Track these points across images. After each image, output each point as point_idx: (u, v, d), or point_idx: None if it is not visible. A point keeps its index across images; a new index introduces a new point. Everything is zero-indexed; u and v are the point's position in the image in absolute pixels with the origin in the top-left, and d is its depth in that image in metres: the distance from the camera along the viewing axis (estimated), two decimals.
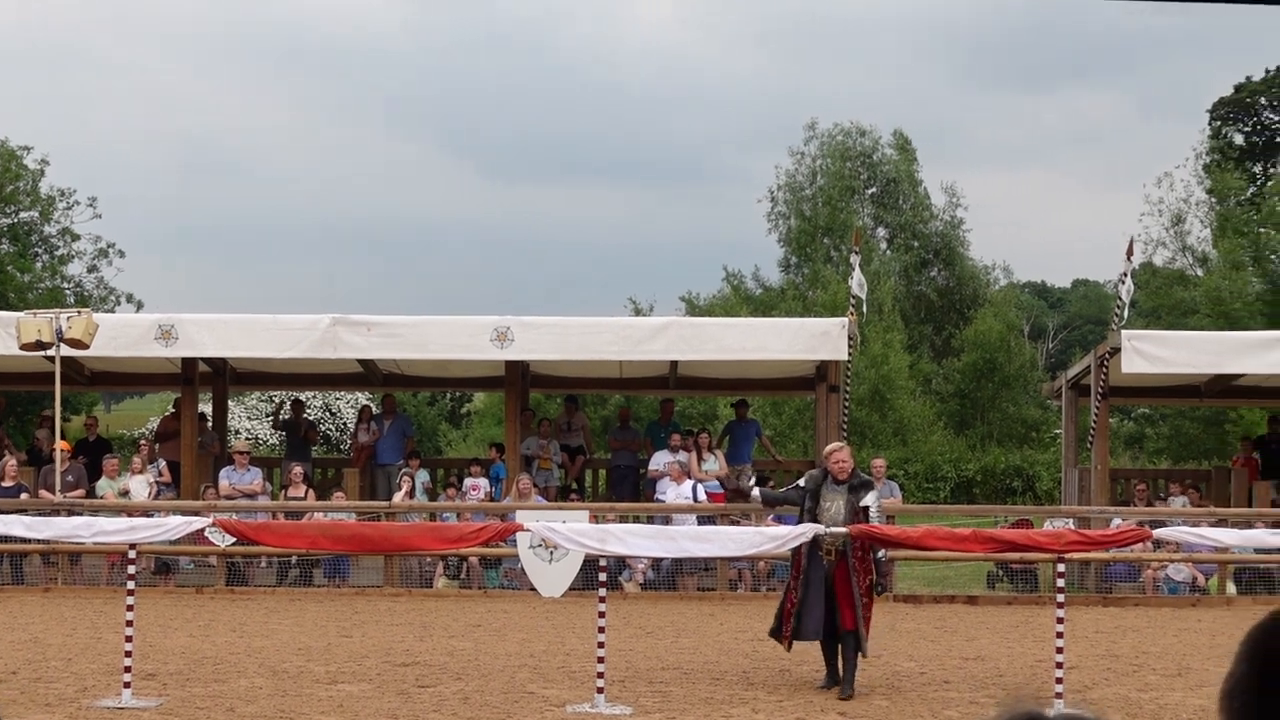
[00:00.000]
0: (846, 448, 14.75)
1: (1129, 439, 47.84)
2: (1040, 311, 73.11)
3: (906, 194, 53.71)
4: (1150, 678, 15.22)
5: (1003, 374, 48.31)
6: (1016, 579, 23.70)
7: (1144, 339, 23.43)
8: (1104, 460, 24.49)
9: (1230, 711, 1.96)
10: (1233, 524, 21.01)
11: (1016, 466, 42.87)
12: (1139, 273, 46.50)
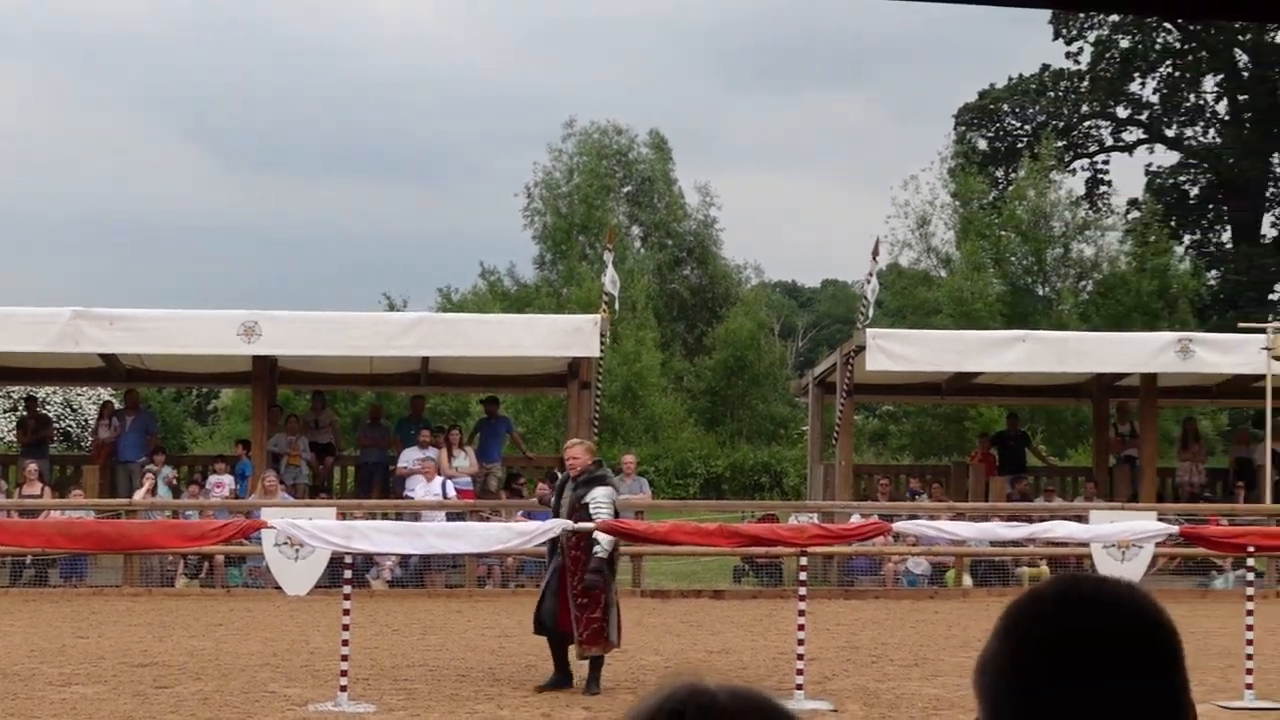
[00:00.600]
0: (579, 444, 14.70)
1: (873, 436, 48.87)
2: (790, 311, 74.28)
3: (661, 193, 54.11)
4: (888, 668, 15.57)
5: (753, 372, 48.95)
6: (762, 573, 24.06)
7: (887, 338, 23.97)
8: (848, 456, 25.01)
9: (982, 687, 1.99)
10: (970, 518, 21.61)
11: (765, 463, 43.51)
12: (885, 273, 47.56)
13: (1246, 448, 27.86)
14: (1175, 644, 2.03)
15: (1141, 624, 2.00)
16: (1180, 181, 58.49)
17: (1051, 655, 1.95)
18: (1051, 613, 2.00)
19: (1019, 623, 2.01)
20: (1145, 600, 2.03)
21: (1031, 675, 1.94)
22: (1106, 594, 2.03)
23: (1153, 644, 1.99)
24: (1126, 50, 56.91)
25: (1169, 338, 24.67)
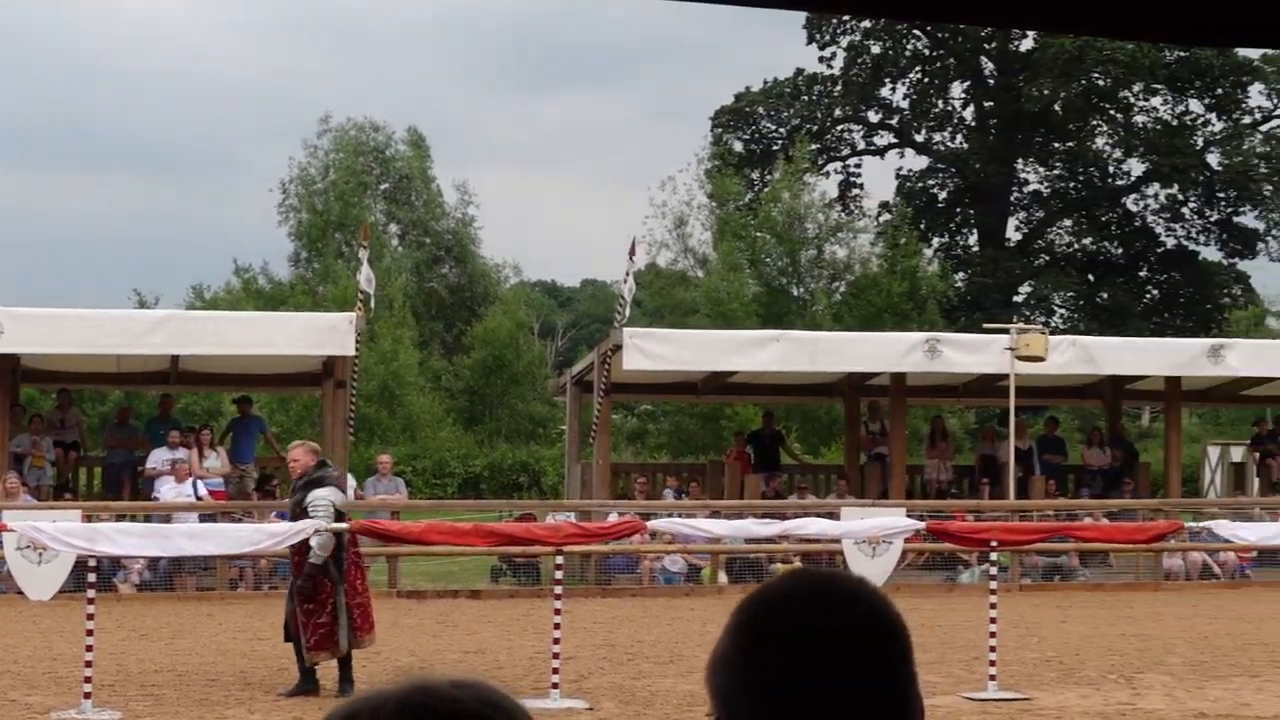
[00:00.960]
0: (300, 446, 14.45)
1: (631, 435, 49.16)
2: (550, 310, 74.36)
3: (419, 191, 53.71)
4: (644, 665, 15.65)
5: (511, 371, 48.86)
6: (520, 573, 24.01)
7: (644, 337, 24.11)
8: (605, 455, 25.10)
9: (715, 684, 1.97)
10: (725, 516, 21.84)
11: (523, 462, 43.48)
12: (643, 273, 47.90)
13: (992, 445, 28.65)
14: (905, 639, 2.04)
15: (874, 620, 2.01)
16: (929, 185, 60.02)
17: (786, 651, 1.94)
18: (786, 609, 1.99)
19: (753, 619, 2.00)
20: (876, 596, 2.03)
21: (766, 671, 1.93)
22: (840, 590, 2.03)
23: (884, 640, 2.00)
24: (878, 56, 58.17)
25: (917, 338, 25.26)
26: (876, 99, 59.63)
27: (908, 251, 46.57)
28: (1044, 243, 59.91)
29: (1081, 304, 57.51)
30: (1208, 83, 55.95)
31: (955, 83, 59.41)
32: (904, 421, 27.31)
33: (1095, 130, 57.84)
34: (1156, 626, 19.31)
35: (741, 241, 45.71)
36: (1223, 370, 25.85)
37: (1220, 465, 39.08)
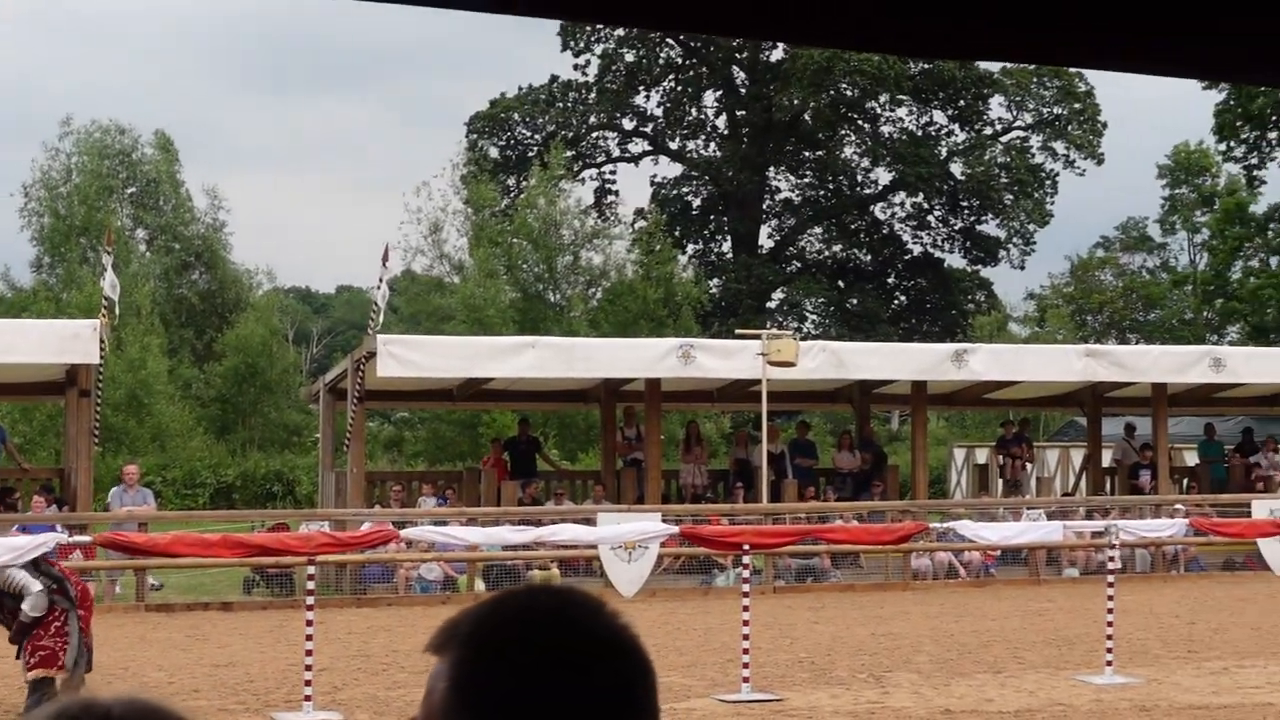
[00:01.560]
0: None
1: (389, 442, 48.73)
2: (304, 316, 73.35)
3: (168, 195, 52.49)
4: (399, 676, 15.49)
5: (265, 379, 48.08)
6: (273, 584, 23.60)
7: (398, 343, 23.87)
8: (359, 463, 24.81)
9: (429, 695, 1.90)
10: (481, 523, 21.74)
11: (277, 471, 42.81)
12: (399, 279, 47.55)
13: (745, 450, 29.02)
14: (643, 657, 1.99)
15: (605, 636, 1.97)
16: (683, 193, 60.69)
17: (509, 667, 1.89)
18: (507, 625, 1.94)
19: (475, 633, 1.94)
20: (605, 611, 1.99)
21: (485, 686, 1.88)
22: (571, 605, 1.98)
23: (617, 657, 1.96)
24: (632, 64, 58.64)
25: (672, 344, 25.46)
26: (631, 107, 60.11)
27: (662, 258, 46.98)
28: (795, 250, 60.99)
29: (832, 310, 58.71)
30: (950, 94, 57.57)
31: (708, 91, 60.19)
32: (659, 427, 27.51)
33: (844, 139, 59.10)
34: (905, 625, 19.75)
35: (497, 248, 45.63)
36: (966, 374, 26.56)
37: (966, 467, 40.24)
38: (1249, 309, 43.52)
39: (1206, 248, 53.87)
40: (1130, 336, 63.35)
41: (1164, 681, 15.27)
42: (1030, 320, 68.74)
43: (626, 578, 21.24)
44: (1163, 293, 64.14)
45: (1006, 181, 58.40)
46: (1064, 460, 40.27)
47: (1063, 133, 59.14)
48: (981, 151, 58.47)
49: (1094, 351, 28.13)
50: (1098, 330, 63.93)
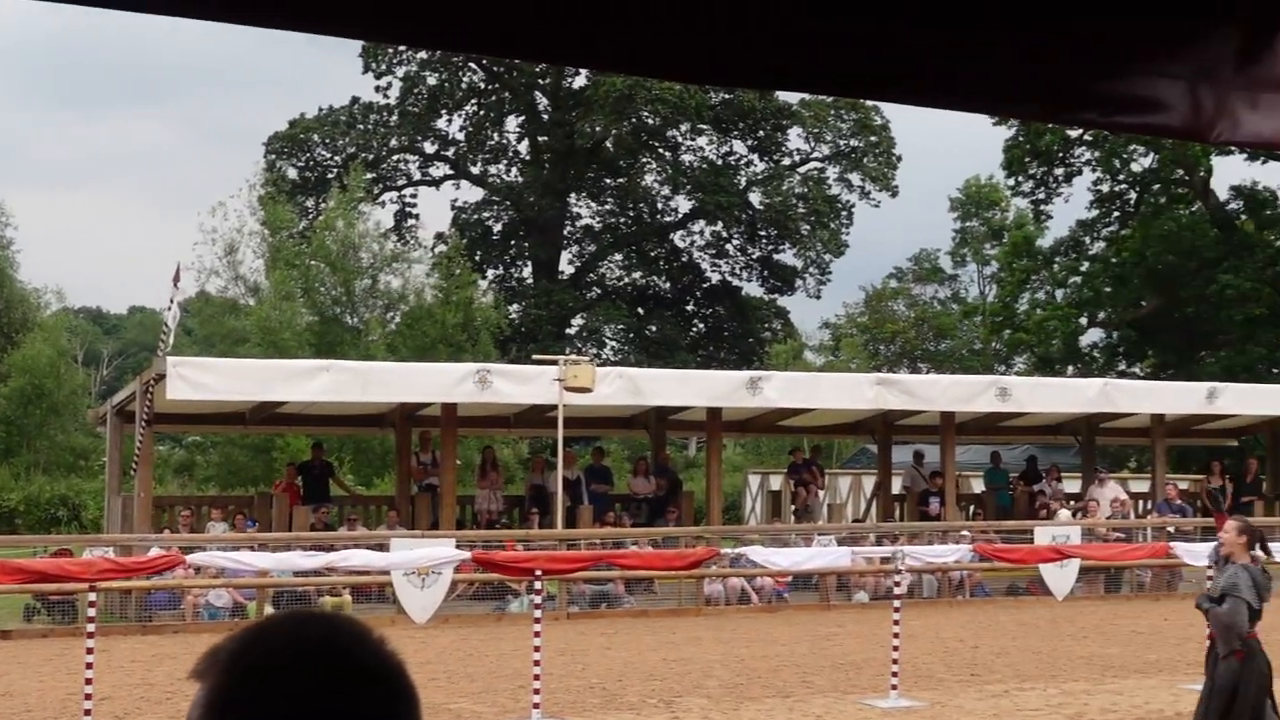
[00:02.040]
0: None
1: (179, 466, 47.81)
2: (95, 337, 71.74)
3: None
4: (182, 704, 15.10)
5: (51, 401, 46.84)
6: (55, 610, 22.97)
7: (189, 365, 23.41)
8: (147, 488, 24.27)
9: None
10: (272, 548, 21.42)
11: (62, 495, 41.72)
12: (194, 301, 46.71)
13: (541, 475, 29.01)
14: (405, 684, 1.96)
15: (370, 663, 1.94)
16: (484, 218, 60.58)
17: (271, 694, 1.85)
18: (270, 652, 1.90)
19: (237, 660, 1.90)
20: (370, 638, 1.96)
21: (245, 713, 1.84)
22: (336, 632, 1.95)
23: (381, 684, 1.93)
24: (434, 87, 58.40)
25: (468, 368, 25.33)
26: (433, 130, 59.87)
27: (462, 282, 46.81)
28: (595, 276, 61.21)
29: (631, 336, 59.00)
30: (750, 125, 58.29)
31: (510, 116, 60.19)
32: (455, 452, 27.36)
33: (645, 167, 59.50)
34: (697, 650, 19.86)
35: (294, 270, 45.05)
36: (761, 401, 26.84)
37: (760, 493, 40.67)
38: (1035, 340, 44.65)
39: (995, 280, 55.24)
40: (921, 366, 64.72)
41: (947, 705, 15.56)
42: (825, 349, 69.86)
43: (419, 604, 21.08)
44: (953, 323, 65.63)
45: (804, 212, 59.27)
46: (855, 487, 40.93)
47: (859, 165, 60.22)
48: (780, 182, 59.27)
49: (885, 380, 28.63)
50: (890, 359, 65.19)
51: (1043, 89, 2.57)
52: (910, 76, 2.60)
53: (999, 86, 2.63)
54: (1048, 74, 2.52)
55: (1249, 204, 42.59)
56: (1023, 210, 54.70)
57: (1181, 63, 2.58)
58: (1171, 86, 2.60)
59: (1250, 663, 11.51)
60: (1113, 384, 30.11)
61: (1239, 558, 11.67)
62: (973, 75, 2.52)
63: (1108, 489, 29.72)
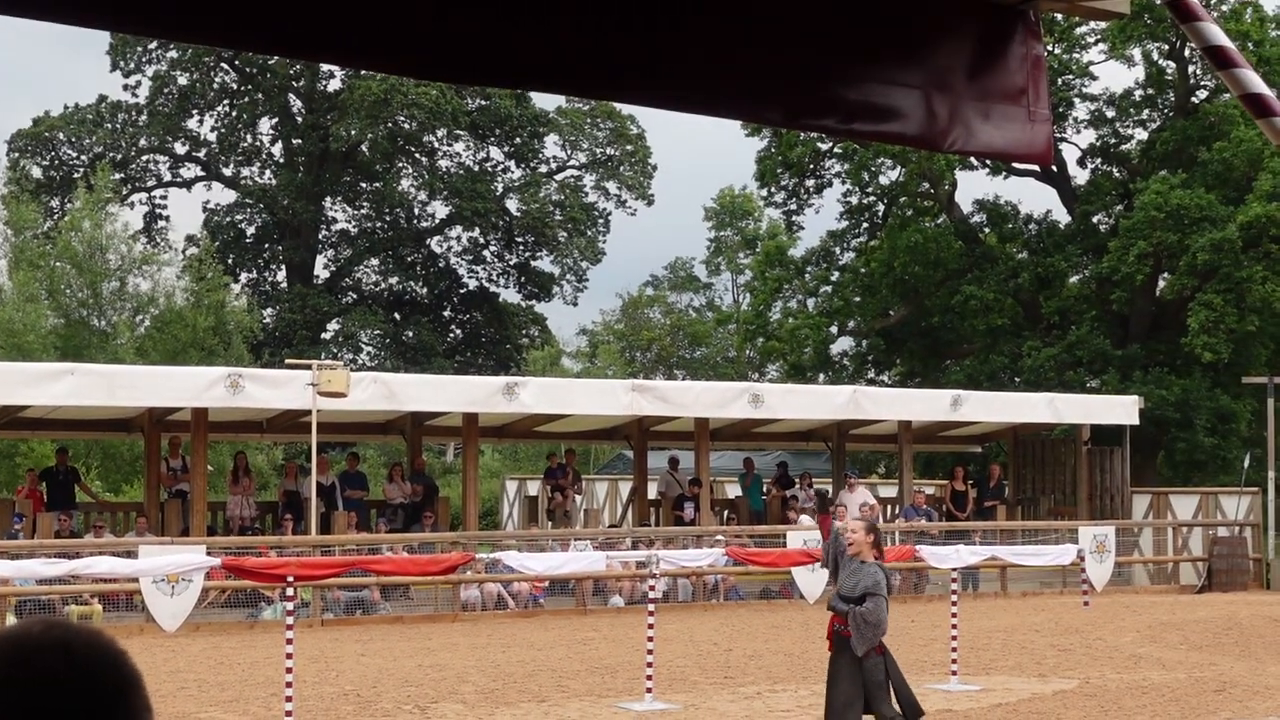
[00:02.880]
0: None
1: None
2: None
3: None
4: None
5: None
6: None
7: None
8: None
9: None
10: (13, 555, 20.80)
11: None
12: None
13: (295, 481, 28.68)
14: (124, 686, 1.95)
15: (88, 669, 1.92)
16: (238, 220, 59.60)
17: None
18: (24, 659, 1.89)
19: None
20: (94, 646, 1.95)
21: None
22: (48, 638, 1.93)
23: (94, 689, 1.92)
24: (185, 87, 57.29)
25: (219, 372, 24.91)
26: (184, 130, 58.69)
27: (214, 285, 45.98)
28: (352, 281, 60.61)
29: (388, 342, 58.54)
30: (507, 131, 58.30)
31: (264, 118, 59.30)
32: (206, 457, 26.90)
33: (401, 172, 59.12)
34: (453, 656, 19.83)
35: (39, 271, 43.78)
36: (517, 407, 26.90)
37: (518, 499, 40.70)
38: (788, 348, 45.43)
39: (749, 288, 56.13)
40: (677, 373, 65.44)
41: (701, 707, 15.79)
42: (582, 355, 70.25)
43: (169, 611, 20.70)
44: (708, 331, 66.52)
45: (561, 219, 59.48)
46: (612, 492, 41.21)
47: (615, 173, 60.66)
48: (537, 189, 59.39)
49: (640, 386, 28.90)
50: (646, 366, 65.80)
51: (782, 94, 2.67)
52: (656, 80, 2.67)
53: (742, 91, 2.71)
54: (787, 79, 2.62)
55: (991, 217, 43.94)
56: (775, 221, 55.71)
57: (916, 72, 2.70)
58: (907, 95, 2.72)
59: (887, 657, 11.96)
60: (862, 391, 30.82)
61: (867, 556, 11.97)
62: (716, 79, 2.61)
63: (857, 494, 30.41)
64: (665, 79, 2.77)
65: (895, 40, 2.75)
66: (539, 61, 2.68)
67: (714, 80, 2.80)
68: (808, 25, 2.64)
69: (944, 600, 20.88)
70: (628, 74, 2.75)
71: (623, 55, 2.68)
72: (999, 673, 18.47)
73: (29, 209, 46.08)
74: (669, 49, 2.67)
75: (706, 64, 2.74)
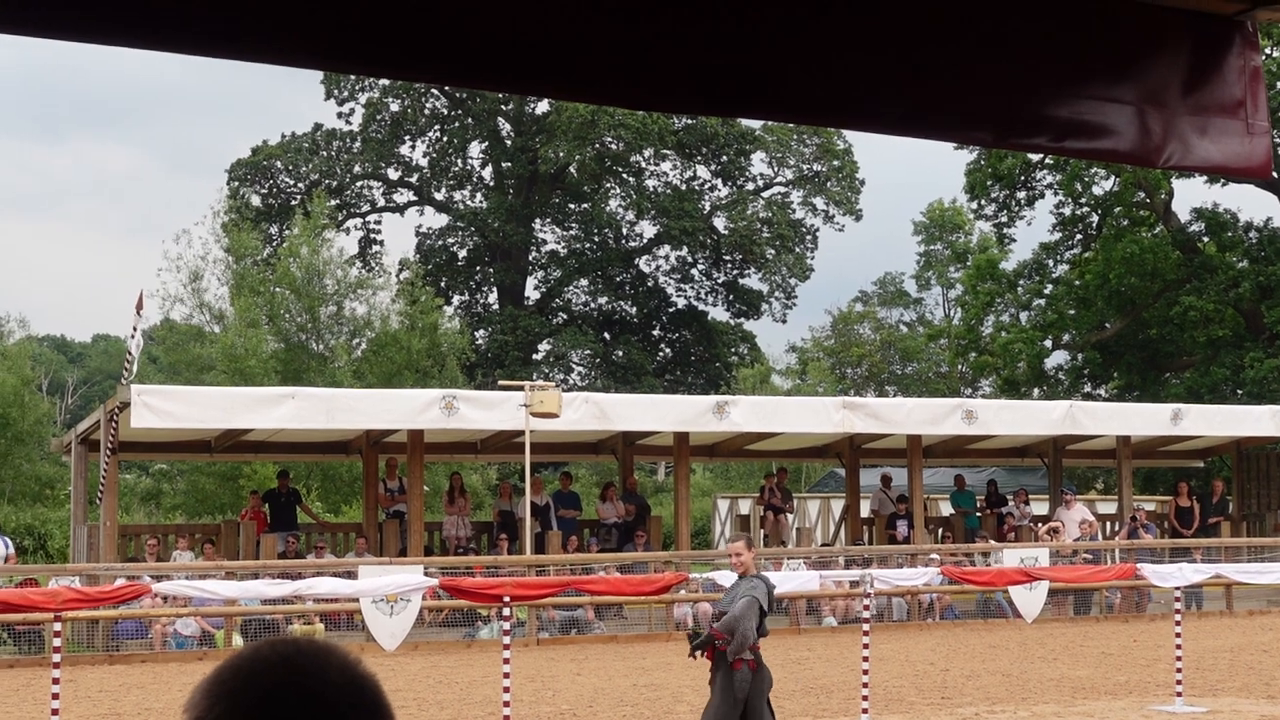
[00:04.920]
0: None
1: (146, 495, 47.60)
2: (60, 365, 71.47)
3: None
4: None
5: (16, 430, 46.61)
6: (21, 640, 22.85)
7: (153, 394, 23.34)
8: (113, 516, 24.19)
9: None
10: (239, 576, 21.37)
11: (28, 525, 41.50)
12: (158, 329, 46.58)
13: (509, 501, 29.00)
14: (375, 700, 2.01)
15: (345, 681, 1.98)
16: (449, 243, 60.58)
17: (255, 712, 1.90)
18: (256, 671, 1.95)
19: (223, 682, 1.95)
20: (347, 659, 2.01)
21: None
22: (308, 653, 2.00)
23: (355, 699, 1.98)
24: (397, 113, 58.43)
25: (434, 394, 25.32)
26: (396, 156, 59.88)
27: (427, 308, 46.78)
28: (561, 301, 61.23)
29: (598, 362, 59.01)
30: (713, 150, 58.45)
31: (474, 142, 60.23)
32: (422, 478, 27.33)
33: (609, 193, 59.57)
34: (667, 676, 19.85)
35: (259, 297, 44.97)
36: (728, 425, 26.88)
37: (729, 517, 40.71)
38: (1001, 363, 44.83)
39: (960, 303, 55.50)
40: (888, 389, 64.88)
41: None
42: (792, 373, 70.02)
43: (388, 631, 21.05)
44: (919, 346, 65.86)
45: (768, 236, 59.43)
46: (824, 510, 41.02)
47: (822, 189, 60.43)
48: (744, 206, 59.42)
49: (851, 404, 28.69)
50: (857, 382, 65.35)
51: (992, 115, 2.62)
52: (865, 104, 2.65)
53: (952, 113, 2.67)
54: (997, 100, 2.57)
55: (1210, 226, 42.89)
56: (986, 233, 55.02)
57: (1129, 88, 2.64)
58: (1120, 112, 2.65)
59: (760, 673, 11.91)
60: (1078, 406, 30.22)
61: (752, 571, 12.33)
62: (926, 103, 2.57)
63: (1075, 511, 29.83)
64: (876, 104, 2.74)
65: (1107, 56, 2.69)
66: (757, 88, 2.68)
67: (924, 103, 2.77)
68: (1017, 45, 2.59)
69: (1167, 619, 20.39)
70: (840, 100, 2.73)
71: (835, 81, 2.66)
72: (1226, 694, 17.95)
73: (249, 236, 47.33)
74: (881, 74, 2.64)
75: (917, 88, 2.70)
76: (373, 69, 2.70)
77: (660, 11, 2.44)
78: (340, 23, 2.37)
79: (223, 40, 2.37)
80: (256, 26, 2.35)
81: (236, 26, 2.32)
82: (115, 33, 2.31)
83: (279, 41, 2.35)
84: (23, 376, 48.31)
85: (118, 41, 2.36)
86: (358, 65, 2.83)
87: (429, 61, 2.55)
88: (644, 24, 2.43)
